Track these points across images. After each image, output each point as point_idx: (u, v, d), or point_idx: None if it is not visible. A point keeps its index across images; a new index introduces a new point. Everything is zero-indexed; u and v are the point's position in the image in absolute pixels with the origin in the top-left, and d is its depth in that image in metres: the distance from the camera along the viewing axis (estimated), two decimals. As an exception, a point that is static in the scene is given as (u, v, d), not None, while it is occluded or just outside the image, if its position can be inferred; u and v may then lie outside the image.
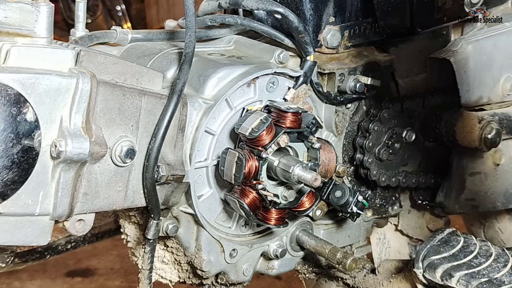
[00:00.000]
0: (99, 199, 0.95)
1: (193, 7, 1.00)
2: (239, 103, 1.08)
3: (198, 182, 1.08)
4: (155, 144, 0.97)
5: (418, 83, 1.33)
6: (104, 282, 3.30)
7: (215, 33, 1.19)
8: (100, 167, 0.93)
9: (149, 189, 0.99)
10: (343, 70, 1.18)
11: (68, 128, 0.86)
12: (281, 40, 1.14)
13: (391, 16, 1.16)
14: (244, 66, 1.07)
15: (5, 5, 0.86)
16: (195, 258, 1.12)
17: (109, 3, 4.80)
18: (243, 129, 1.02)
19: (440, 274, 1.14)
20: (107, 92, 0.92)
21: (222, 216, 1.14)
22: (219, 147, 1.08)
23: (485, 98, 1.34)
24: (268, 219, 1.08)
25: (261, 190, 1.04)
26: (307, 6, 1.16)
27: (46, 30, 0.87)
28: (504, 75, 1.36)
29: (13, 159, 0.82)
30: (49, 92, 0.84)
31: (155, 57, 1.11)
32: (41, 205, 0.88)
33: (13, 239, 0.89)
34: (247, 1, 1.10)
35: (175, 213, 1.08)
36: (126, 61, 0.98)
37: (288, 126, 1.05)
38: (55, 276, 3.34)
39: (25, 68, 0.84)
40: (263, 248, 1.19)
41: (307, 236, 1.21)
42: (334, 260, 1.15)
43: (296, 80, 1.12)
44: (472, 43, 1.30)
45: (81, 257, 3.45)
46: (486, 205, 1.42)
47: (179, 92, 0.98)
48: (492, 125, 1.30)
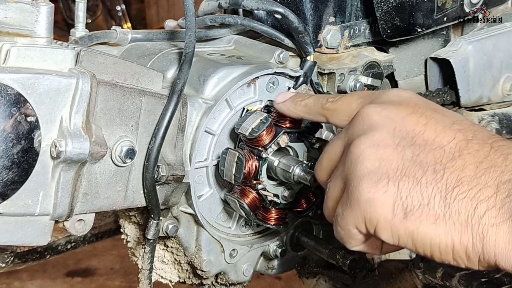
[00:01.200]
0: (99, 199, 0.95)
1: (193, 7, 1.00)
2: (239, 103, 1.08)
3: (198, 182, 1.08)
4: (155, 144, 0.97)
5: (418, 83, 1.34)
6: (104, 282, 3.30)
7: (215, 33, 1.19)
8: (100, 167, 0.93)
9: (149, 189, 0.99)
10: (343, 70, 1.18)
11: (68, 128, 0.86)
12: (281, 40, 1.14)
13: (391, 16, 1.16)
14: (244, 66, 1.07)
15: (5, 5, 0.86)
16: (195, 258, 1.12)
17: (109, 3, 4.81)
18: (243, 129, 1.02)
19: (440, 274, 1.14)
20: (107, 92, 0.92)
21: (222, 216, 1.14)
22: (219, 147, 1.08)
23: (485, 98, 1.34)
24: (268, 219, 1.08)
25: (261, 190, 1.04)
26: (307, 6, 1.16)
27: (46, 30, 0.87)
28: (504, 75, 1.36)
29: (13, 159, 0.82)
30: (49, 92, 0.84)
31: (155, 57, 1.11)
32: (41, 205, 0.88)
33: (13, 239, 0.89)
34: (247, 1, 1.10)
35: (175, 213, 1.08)
36: (126, 61, 0.98)
37: (288, 126, 1.05)
38: (55, 276, 3.34)
39: (25, 68, 0.84)
40: (263, 248, 1.19)
41: (307, 236, 1.21)
42: (334, 260, 1.15)
43: (296, 80, 1.12)
44: (472, 43, 1.30)
45: (81, 257, 3.45)
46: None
47: (179, 92, 0.98)
48: (492, 125, 1.30)
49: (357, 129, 0.82)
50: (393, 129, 0.78)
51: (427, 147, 0.76)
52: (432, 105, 0.82)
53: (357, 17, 1.21)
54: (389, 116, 0.80)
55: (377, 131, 0.79)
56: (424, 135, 0.77)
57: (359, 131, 0.81)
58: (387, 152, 0.77)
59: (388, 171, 0.75)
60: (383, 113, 0.80)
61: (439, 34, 1.34)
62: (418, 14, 1.17)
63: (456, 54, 1.28)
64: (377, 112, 0.81)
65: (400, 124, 0.79)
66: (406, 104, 0.82)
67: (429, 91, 1.30)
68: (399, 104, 0.82)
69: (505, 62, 1.35)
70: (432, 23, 1.21)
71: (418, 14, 1.17)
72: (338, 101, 0.92)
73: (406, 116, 0.79)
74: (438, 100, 1.29)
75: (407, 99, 0.83)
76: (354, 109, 0.86)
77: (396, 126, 0.79)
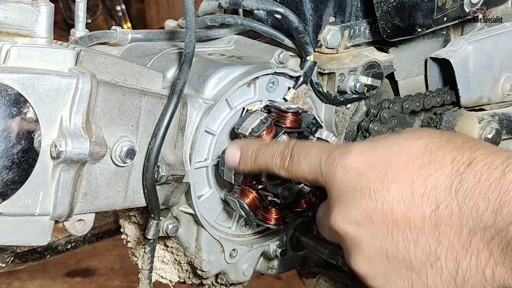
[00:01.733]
0: (99, 199, 0.95)
1: (193, 7, 1.00)
2: (239, 103, 1.08)
3: (198, 182, 1.08)
4: (155, 144, 0.97)
5: (418, 83, 1.34)
6: (104, 282, 3.30)
7: (215, 33, 1.19)
8: (100, 167, 0.93)
9: (149, 189, 0.99)
10: (343, 70, 1.18)
11: (68, 128, 0.86)
12: (281, 40, 1.14)
13: (391, 16, 1.16)
14: (244, 66, 1.07)
15: (5, 5, 0.86)
16: (195, 258, 1.12)
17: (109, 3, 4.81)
18: (243, 129, 1.02)
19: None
20: (107, 92, 0.92)
21: (222, 216, 1.14)
22: (219, 147, 1.08)
23: (485, 98, 1.34)
24: (268, 219, 1.08)
25: (261, 190, 1.04)
26: (307, 6, 1.16)
27: (46, 30, 0.87)
28: (504, 75, 1.35)
29: (13, 159, 0.82)
30: (49, 92, 0.84)
31: (155, 57, 1.11)
32: (41, 205, 0.88)
33: (13, 239, 0.89)
34: (247, 1, 1.10)
35: (175, 213, 1.08)
36: (126, 61, 0.98)
37: (288, 126, 1.05)
38: (55, 276, 3.34)
39: (25, 68, 0.84)
40: (263, 248, 1.19)
41: (307, 236, 1.20)
42: (334, 260, 1.15)
43: (296, 80, 1.12)
44: (472, 43, 1.30)
45: (81, 257, 3.45)
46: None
47: (179, 92, 0.98)
48: (492, 125, 1.30)
49: (344, 247, 0.83)
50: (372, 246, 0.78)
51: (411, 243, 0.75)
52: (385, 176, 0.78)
53: (357, 17, 1.22)
54: (359, 232, 0.79)
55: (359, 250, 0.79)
56: (398, 238, 0.76)
57: (345, 249, 0.83)
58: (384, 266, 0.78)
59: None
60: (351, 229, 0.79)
61: (439, 34, 1.34)
62: (418, 14, 1.17)
63: (456, 54, 1.28)
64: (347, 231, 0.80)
65: (375, 238, 0.77)
66: (356, 200, 0.78)
67: (429, 91, 1.30)
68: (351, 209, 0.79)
69: (505, 62, 1.35)
70: (432, 23, 1.21)
71: (418, 14, 1.17)
72: (291, 168, 0.88)
73: (375, 230, 0.77)
74: (438, 100, 1.30)
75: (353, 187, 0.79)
76: (311, 178, 0.85)
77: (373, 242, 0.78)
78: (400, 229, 0.75)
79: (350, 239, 0.80)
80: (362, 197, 0.77)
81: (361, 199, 0.77)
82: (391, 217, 0.75)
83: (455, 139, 0.76)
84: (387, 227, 0.75)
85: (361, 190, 0.77)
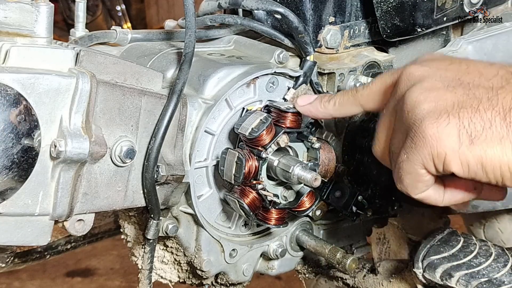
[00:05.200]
0: (99, 199, 0.95)
1: (193, 7, 1.00)
2: (239, 103, 1.08)
3: (198, 182, 1.08)
4: (155, 144, 0.97)
5: (418, 83, 1.34)
6: (104, 282, 3.31)
7: (215, 33, 1.19)
8: (100, 167, 0.93)
9: (149, 189, 0.99)
10: (343, 70, 1.18)
11: (68, 128, 0.86)
12: (281, 40, 1.14)
13: (391, 16, 1.16)
14: (244, 66, 1.07)
15: (5, 5, 0.86)
16: (195, 258, 1.12)
17: (109, 3, 4.80)
18: (243, 129, 1.02)
19: (440, 274, 1.14)
20: (107, 92, 0.92)
21: (222, 216, 1.14)
22: (219, 147, 1.08)
23: (485, 98, 1.34)
24: (268, 219, 1.08)
25: (261, 190, 1.04)
26: (307, 6, 1.16)
27: (46, 30, 0.87)
28: (504, 75, 1.35)
29: (13, 159, 0.82)
30: (49, 92, 0.84)
31: (155, 57, 1.11)
32: (41, 205, 0.88)
33: (13, 239, 0.89)
34: (247, 1, 1.10)
35: (175, 213, 1.08)
36: (126, 61, 0.98)
37: (288, 126, 1.05)
38: (55, 276, 3.34)
39: (25, 68, 0.84)
40: (263, 248, 1.19)
41: (307, 236, 1.21)
42: (334, 260, 1.15)
43: (296, 80, 1.12)
44: (472, 43, 1.30)
45: (81, 257, 3.45)
46: (486, 205, 1.42)
47: (179, 92, 0.98)
48: (492, 125, 1.29)
49: (404, 86, 0.86)
50: (439, 76, 0.83)
51: (475, 84, 0.80)
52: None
53: (357, 17, 1.21)
54: (431, 68, 0.85)
55: (425, 81, 0.83)
56: (469, 76, 0.82)
57: (406, 87, 0.85)
58: (440, 93, 0.81)
59: (446, 107, 0.79)
60: (425, 68, 0.86)
61: (439, 34, 1.34)
62: (418, 14, 1.17)
63: (456, 54, 1.28)
64: (419, 68, 0.86)
65: (444, 72, 0.84)
66: (443, 59, 0.88)
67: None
68: (437, 60, 0.88)
69: (505, 62, 1.35)
70: (432, 23, 1.21)
71: (418, 14, 1.17)
72: (370, 84, 0.95)
73: (447, 65, 0.85)
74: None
75: (441, 57, 0.91)
76: (390, 84, 0.90)
77: (441, 73, 0.84)
78: (469, 77, 0.82)
79: (414, 75, 0.85)
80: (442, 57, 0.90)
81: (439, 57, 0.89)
82: (466, 65, 0.84)
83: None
84: (459, 70, 0.84)
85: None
